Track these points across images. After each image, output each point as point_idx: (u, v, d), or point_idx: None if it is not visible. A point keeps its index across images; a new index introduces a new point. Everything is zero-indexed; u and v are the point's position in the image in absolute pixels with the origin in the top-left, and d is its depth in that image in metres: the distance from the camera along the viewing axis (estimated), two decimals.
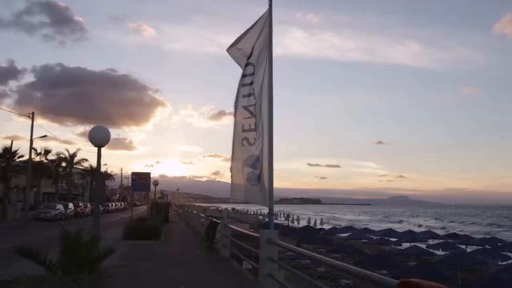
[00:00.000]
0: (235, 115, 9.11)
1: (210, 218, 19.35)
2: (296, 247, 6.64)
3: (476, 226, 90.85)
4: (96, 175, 9.68)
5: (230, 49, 9.15)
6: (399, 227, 59.03)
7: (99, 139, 8.37)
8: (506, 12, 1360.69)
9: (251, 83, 8.73)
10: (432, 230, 44.37)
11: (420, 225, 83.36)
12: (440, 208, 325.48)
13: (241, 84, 8.95)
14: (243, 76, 8.90)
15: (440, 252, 27.44)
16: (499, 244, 32.62)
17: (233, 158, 9.23)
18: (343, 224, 79.99)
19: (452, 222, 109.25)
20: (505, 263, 24.38)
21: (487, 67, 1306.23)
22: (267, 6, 8.77)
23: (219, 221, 15.57)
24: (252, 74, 8.76)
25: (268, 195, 8.28)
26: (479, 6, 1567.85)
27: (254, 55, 8.77)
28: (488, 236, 38.59)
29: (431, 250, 27.16)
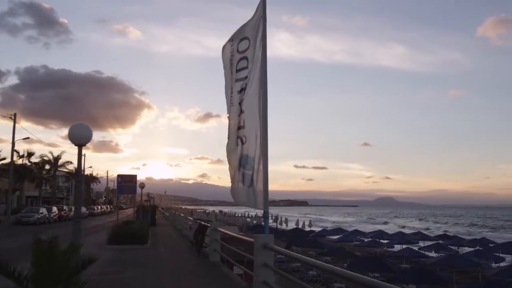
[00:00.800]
0: (229, 113, 8.60)
1: (198, 221, 18.72)
2: (296, 254, 6.12)
3: (458, 227, 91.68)
4: (77, 176, 8.91)
5: (225, 46, 8.74)
6: (385, 229, 59.09)
7: (80, 138, 7.70)
8: (488, 16, 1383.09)
9: (245, 77, 8.21)
10: (422, 232, 44.22)
11: (404, 226, 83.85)
12: (426, 209, 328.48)
13: (235, 79, 8.44)
14: (237, 70, 8.39)
15: (432, 254, 27.22)
16: (490, 245, 32.54)
17: (229, 160, 8.73)
18: (329, 225, 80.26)
19: (437, 223, 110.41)
20: (499, 264, 24.27)
21: (471, 69, 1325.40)
22: (255, 8, 8.33)
23: (208, 225, 14.96)
24: (246, 68, 8.25)
25: (263, 197, 7.76)
26: (463, 10, 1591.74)
27: (249, 50, 8.26)
28: (478, 237, 38.52)
29: (424, 252, 26.91)
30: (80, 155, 7.85)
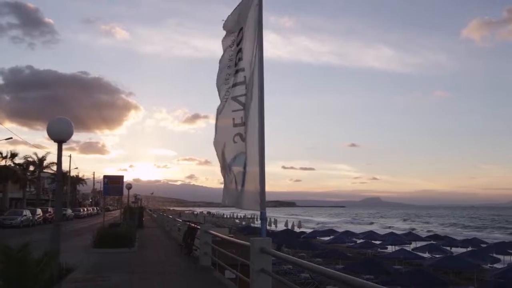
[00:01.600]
0: (221, 109, 7.99)
1: (188, 223, 18.08)
2: (297, 259, 5.54)
3: (442, 227, 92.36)
4: (57, 176, 8.14)
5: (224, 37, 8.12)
6: (372, 229, 59.34)
7: (60, 133, 6.99)
8: (472, 18, 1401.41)
9: (242, 69, 7.63)
10: (414, 232, 44.07)
11: (390, 227, 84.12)
12: (412, 209, 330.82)
13: (233, 72, 7.84)
14: (235, 63, 7.80)
15: (426, 255, 26.90)
16: (482, 245, 32.38)
17: (222, 159, 8.11)
18: (315, 226, 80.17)
19: (427, 223, 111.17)
20: (495, 265, 24.02)
21: (456, 71, 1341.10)
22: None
23: (198, 227, 14.36)
24: (241, 59, 7.67)
25: (260, 198, 7.18)
26: (447, 12, 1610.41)
27: (244, 40, 7.68)
28: (470, 237, 38.39)
29: (419, 253, 26.56)
30: (60, 152, 7.16)
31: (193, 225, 15.97)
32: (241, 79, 7.66)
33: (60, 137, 7.07)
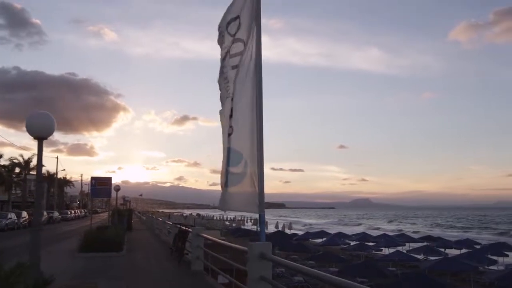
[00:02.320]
0: (223, 104, 7.42)
1: (178, 226, 17.48)
2: (302, 267, 5.04)
3: (425, 228, 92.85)
4: (37, 176, 7.45)
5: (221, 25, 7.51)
6: (357, 231, 59.50)
7: (40, 129, 6.30)
8: (459, 21, 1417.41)
9: (234, 55, 7.10)
10: (406, 234, 43.88)
11: (378, 228, 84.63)
12: (401, 210, 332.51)
13: (230, 66, 7.30)
14: (231, 56, 7.26)
15: (421, 257, 26.57)
16: (475, 246, 32.19)
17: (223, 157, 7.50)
18: (303, 228, 79.98)
19: (414, 224, 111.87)
20: (492, 267, 23.79)
21: (444, 72, 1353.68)
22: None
23: (189, 230, 13.78)
24: (241, 53, 7.12)
25: (258, 199, 6.64)
26: (435, 15, 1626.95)
27: (241, 30, 7.14)
28: (463, 238, 38.28)
29: (414, 255, 26.20)
30: (40, 150, 6.51)
31: (184, 228, 15.38)
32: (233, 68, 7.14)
33: (40, 134, 6.37)
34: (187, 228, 14.76)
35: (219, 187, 7.43)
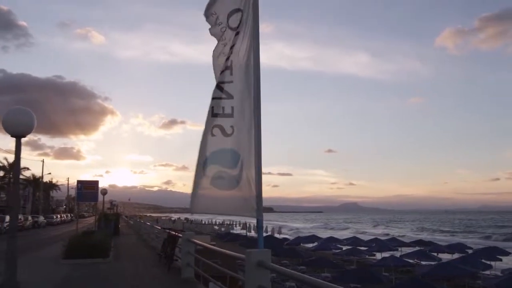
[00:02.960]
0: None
1: (168, 230, 16.88)
2: (304, 276, 4.55)
3: (410, 232, 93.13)
4: (14, 178, 6.85)
5: (207, 15, 6.95)
6: (343, 235, 59.51)
7: (18, 126, 5.75)
8: (445, 27, 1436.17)
9: (229, 52, 6.61)
10: (397, 238, 43.59)
11: (364, 232, 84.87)
12: (388, 214, 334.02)
13: (216, 56, 6.82)
14: (223, 45, 6.77)
15: (415, 261, 26.22)
16: (467, 250, 32.00)
17: (199, 155, 6.87)
18: (289, 232, 79.54)
19: (400, 228, 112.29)
20: (488, 272, 23.55)
21: (431, 77, 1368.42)
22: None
23: (179, 235, 13.22)
24: (229, 39, 6.65)
25: (256, 203, 6.16)
26: (422, 21, 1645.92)
27: (233, 20, 6.66)
28: (453, 242, 38.12)
29: (408, 260, 25.85)
30: (18, 149, 5.92)
31: (174, 232, 14.80)
32: (227, 64, 6.63)
33: (18, 131, 5.79)
34: (176, 233, 14.19)
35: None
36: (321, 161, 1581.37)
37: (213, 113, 6.51)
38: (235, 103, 6.46)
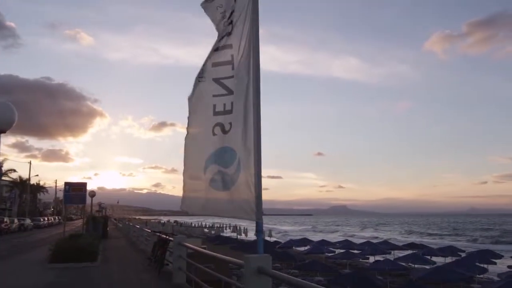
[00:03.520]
0: (195, 91, 6.55)
1: (158, 233, 16.40)
2: (306, 283, 4.17)
3: (399, 235, 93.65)
4: None
5: (206, 3, 6.57)
6: (332, 238, 59.56)
7: None
8: (434, 31, 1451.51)
9: (229, 46, 6.25)
10: (389, 241, 43.44)
11: (353, 235, 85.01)
12: (377, 217, 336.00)
13: (213, 49, 6.44)
14: (220, 38, 6.40)
15: (410, 265, 25.97)
16: (459, 253, 31.91)
17: (197, 157, 6.54)
18: (277, 235, 79.35)
19: (387, 231, 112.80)
20: (484, 275, 23.40)
21: (419, 82, 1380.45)
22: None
23: (170, 238, 12.77)
24: (230, 34, 6.29)
25: (255, 206, 5.77)
26: (411, 26, 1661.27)
27: (235, 14, 6.29)
28: (444, 245, 38.05)
29: (403, 264, 25.60)
30: None
31: (164, 236, 14.34)
32: (227, 58, 6.28)
33: None
34: (167, 237, 13.73)
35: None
36: (310, 164, 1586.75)
37: (214, 111, 6.20)
38: (235, 98, 6.10)
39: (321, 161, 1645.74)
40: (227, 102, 6.15)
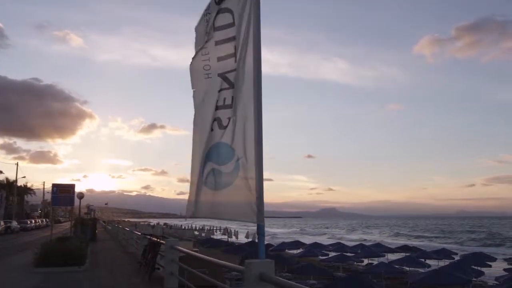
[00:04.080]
0: (195, 87, 6.16)
1: (149, 237, 15.88)
2: None
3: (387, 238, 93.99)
4: None
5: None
6: (321, 240, 59.57)
7: None
8: (423, 35, 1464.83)
9: (232, 38, 5.82)
10: (382, 243, 43.16)
11: (341, 238, 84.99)
12: (367, 219, 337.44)
13: (214, 42, 6.01)
14: (217, 29, 5.97)
15: (406, 268, 25.66)
16: (453, 256, 31.68)
17: (199, 156, 6.11)
18: (266, 237, 78.94)
19: (377, 234, 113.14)
20: (481, 279, 23.14)
21: (408, 85, 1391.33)
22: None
23: (162, 241, 12.28)
24: (232, 24, 5.86)
25: (257, 207, 5.31)
26: (401, 29, 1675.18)
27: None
28: (438, 248, 37.88)
29: (399, 267, 25.27)
30: None
31: (156, 239, 13.84)
32: (230, 51, 5.85)
33: None
34: (159, 240, 13.23)
35: (186, 196, 6.09)
36: (301, 167, 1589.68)
37: (216, 106, 5.79)
38: (236, 92, 5.68)
39: (311, 164, 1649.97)
40: (228, 96, 5.73)
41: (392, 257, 32.65)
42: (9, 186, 72.76)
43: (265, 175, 5.49)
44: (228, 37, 5.86)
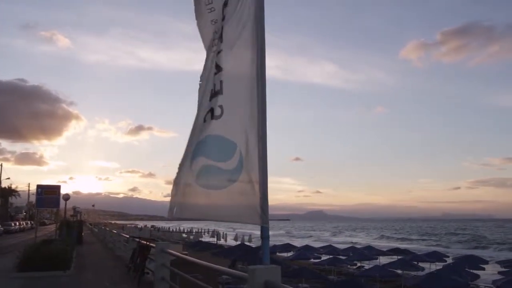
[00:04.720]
0: (203, 77, 5.57)
1: (137, 239, 15.28)
2: None
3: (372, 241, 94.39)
4: None
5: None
6: (309, 242, 59.62)
7: None
8: (410, 39, 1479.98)
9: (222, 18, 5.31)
10: (372, 246, 42.98)
11: (327, 240, 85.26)
12: (353, 222, 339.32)
13: (210, 20, 5.48)
14: (210, 10, 5.46)
15: (400, 271, 25.37)
16: (445, 258, 31.59)
17: (188, 149, 5.49)
18: (255, 239, 78.68)
19: (356, 236, 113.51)
20: (477, 282, 22.95)
21: (395, 88, 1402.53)
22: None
23: (152, 244, 11.72)
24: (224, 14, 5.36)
25: (261, 209, 4.78)
26: (388, 33, 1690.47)
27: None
28: (429, 251, 37.76)
29: (394, 270, 24.98)
30: None
31: (145, 242, 13.25)
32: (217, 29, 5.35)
33: None
34: (149, 243, 12.66)
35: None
36: (288, 169, 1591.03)
37: (211, 95, 5.17)
38: (224, 76, 5.09)
39: (299, 166, 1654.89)
40: (217, 82, 5.04)
41: (383, 260, 32.44)
42: None
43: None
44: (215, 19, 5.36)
